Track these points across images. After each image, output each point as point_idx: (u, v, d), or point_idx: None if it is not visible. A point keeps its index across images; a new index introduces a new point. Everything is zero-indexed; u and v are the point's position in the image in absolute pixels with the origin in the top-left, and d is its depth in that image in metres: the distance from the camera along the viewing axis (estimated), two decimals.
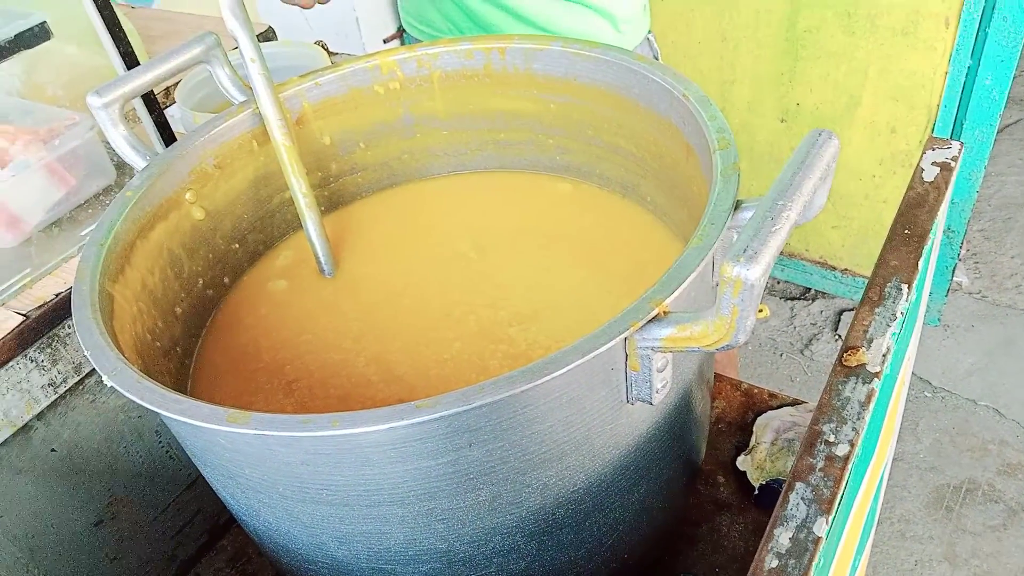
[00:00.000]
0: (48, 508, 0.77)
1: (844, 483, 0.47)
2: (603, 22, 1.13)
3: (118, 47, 0.82)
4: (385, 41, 1.95)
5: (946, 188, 0.67)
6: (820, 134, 0.48)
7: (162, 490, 0.87)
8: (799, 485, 0.47)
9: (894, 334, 0.55)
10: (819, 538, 0.44)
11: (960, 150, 0.70)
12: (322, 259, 0.76)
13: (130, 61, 0.84)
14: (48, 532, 0.77)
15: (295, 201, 0.74)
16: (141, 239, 0.65)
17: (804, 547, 0.44)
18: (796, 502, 0.46)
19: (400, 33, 1.95)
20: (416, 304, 0.73)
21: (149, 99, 0.87)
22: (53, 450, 0.76)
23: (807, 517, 0.45)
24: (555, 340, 0.66)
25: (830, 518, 0.45)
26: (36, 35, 0.83)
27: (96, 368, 0.50)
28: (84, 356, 0.75)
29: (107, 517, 0.82)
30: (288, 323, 0.73)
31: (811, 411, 0.88)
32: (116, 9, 0.81)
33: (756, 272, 0.40)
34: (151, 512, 0.86)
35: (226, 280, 0.76)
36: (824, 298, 2.21)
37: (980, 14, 1.57)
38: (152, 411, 0.47)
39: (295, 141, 0.73)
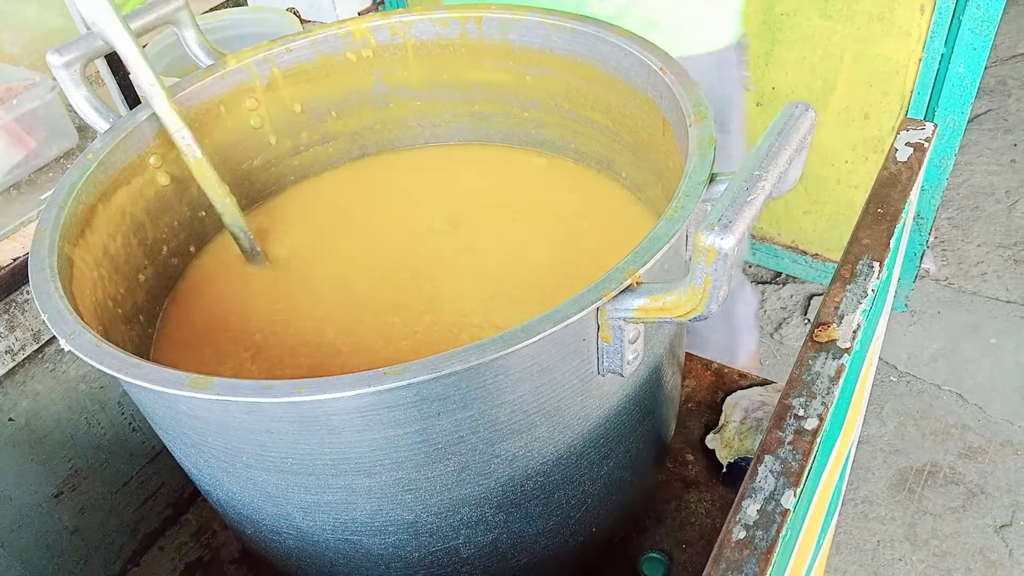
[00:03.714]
0: (4, 478, 0.75)
1: (812, 457, 0.47)
2: None
3: None
4: (360, 14, 1.92)
5: (919, 168, 0.67)
6: (796, 106, 0.47)
7: (125, 462, 0.85)
8: (768, 458, 0.47)
9: (864, 311, 0.55)
10: (787, 510, 0.44)
11: (934, 131, 0.70)
12: (248, 252, 0.73)
13: None
14: (5, 503, 0.75)
15: (217, 210, 0.70)
16: (103, 203, 0.63)
17: (772, 519, 0.44)
18: (765, 475, 0.46)
19: (374, 7, 1.92)
20: (387, 276, 0.71)
21: (114, 61, 0.84)
22: (11, 419, 0.74)
23: (775, 489, 0.45)
24: (526, 315, 0.66)
25: (798, 491, 0.45)
26: None
27: (53, 332, 0.48)
28: (43, 323, 0.73)
29: (67, 489, 0.80)
30: (256, 292, 0.71)
31: (780, 391, 0.88)
32: None
33: (730, 241, 0.39)
34: (113, 485, 0.84)
35: (192, 248, 0.75)
36: (794, 282, 2.23)
37: (955, 1, 1.58)
38: (113, 378, 0.46)
39: (205, 151, 0.68)
